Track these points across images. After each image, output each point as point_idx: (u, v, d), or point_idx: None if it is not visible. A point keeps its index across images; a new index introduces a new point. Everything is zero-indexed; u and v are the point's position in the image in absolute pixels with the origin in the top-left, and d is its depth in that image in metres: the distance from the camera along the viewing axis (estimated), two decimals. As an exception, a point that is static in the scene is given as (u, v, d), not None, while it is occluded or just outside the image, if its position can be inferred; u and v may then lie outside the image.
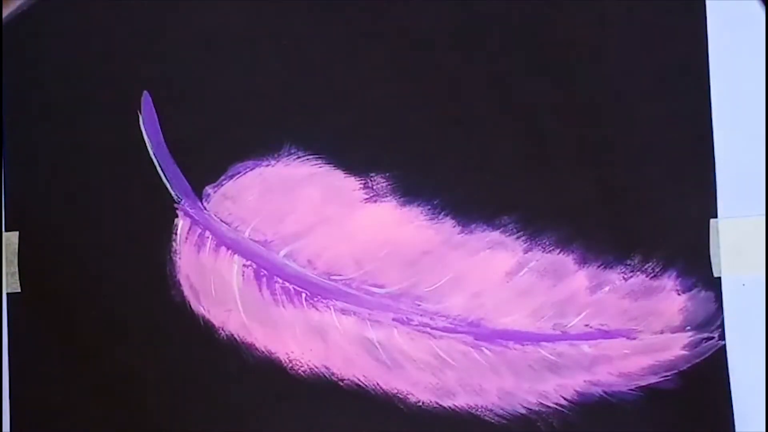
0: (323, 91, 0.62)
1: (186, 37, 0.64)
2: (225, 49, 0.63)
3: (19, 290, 0.66)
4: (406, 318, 0.61)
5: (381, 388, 0.61)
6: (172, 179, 0.64)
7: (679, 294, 0.59)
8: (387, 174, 0.61)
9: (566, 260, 0.60)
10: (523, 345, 0.60)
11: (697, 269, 0.59)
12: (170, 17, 0.64)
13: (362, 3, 0.62)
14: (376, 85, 0.62)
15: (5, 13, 0.66)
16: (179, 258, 0.64)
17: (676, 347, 0.59)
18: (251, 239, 0.63)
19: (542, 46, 0.60)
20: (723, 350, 0.58)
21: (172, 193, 0.64)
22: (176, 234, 0.64)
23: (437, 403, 0.61)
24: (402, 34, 0.61)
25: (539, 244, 0.60)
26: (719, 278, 0.59)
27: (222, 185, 0.63)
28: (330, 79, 0.62)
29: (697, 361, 0.58)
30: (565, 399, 0.60)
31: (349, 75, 0.62)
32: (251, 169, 0.63)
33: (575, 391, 0.59)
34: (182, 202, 0.64)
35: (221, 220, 0.63)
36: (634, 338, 0.59)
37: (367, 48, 0.62)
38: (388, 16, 0.61)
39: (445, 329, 0.61)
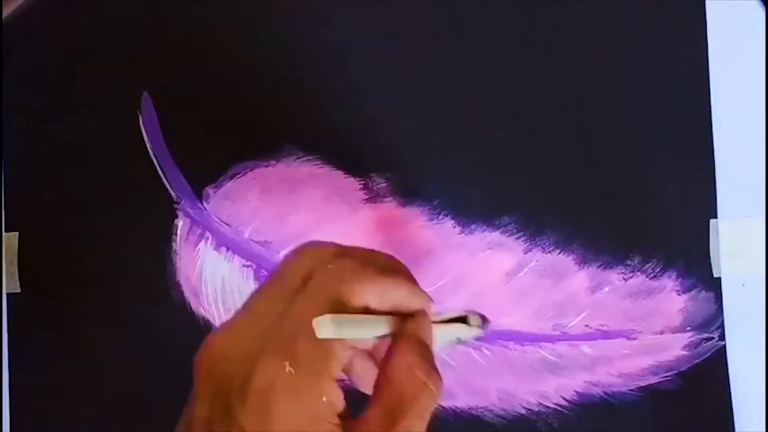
0: (323, 91, 0.62)
1: (186, 37, 0.64)
2: (225, 49, 0.63)
3: (19, 290, 0.66)
4: (406, 318, 0.61)
5: (381, 388, 0.61)
6: (172, 179, 0.64)
7: (679, 294, 0.59)
8: (387, 174, 0.61)
9: (566, 260, 0.60)
10: (523, 345, 0.60)
11: (697, 269, 0.59)
12: (170, 17, 0.64)
13: (362, 3, 0.62)
14: (376, 84, 0.62)
15: (5, 13, 0.66)
16: (179, 259, 0.64)
17: (676, 348, 0.59)
18: (251, 240, 0.63)
19: (542, 46, 0.60)
20: (723, 350, 0.58)
21: (172, 193, 0.64)
22: (176, 234, 0.64)
23: (437, 403, 0.61)
24: (402, 34, 0.61)
25: (539, 245, 0.60)
26: (719, 278, 0.59)
27: (222, 185, 0.63)
28: (330, 79, 0.62)
29: (697, 361, 0.58)
30: (565, 399, 0.60)
31: (349, 75, 0.62)
32: (251, 170, 0.63)
33: (575, 391, 0.59)
34: (182, 203, 0.64)
35: (221, 221, 0.63)
36: (634, 339, 0.59)
37: (367, 48, 0.62)
38: (388, 16, 0.61)
39: (445, 329, 0.61)
